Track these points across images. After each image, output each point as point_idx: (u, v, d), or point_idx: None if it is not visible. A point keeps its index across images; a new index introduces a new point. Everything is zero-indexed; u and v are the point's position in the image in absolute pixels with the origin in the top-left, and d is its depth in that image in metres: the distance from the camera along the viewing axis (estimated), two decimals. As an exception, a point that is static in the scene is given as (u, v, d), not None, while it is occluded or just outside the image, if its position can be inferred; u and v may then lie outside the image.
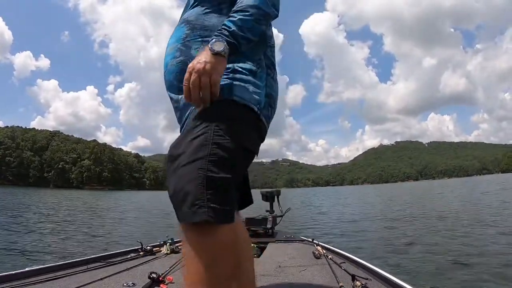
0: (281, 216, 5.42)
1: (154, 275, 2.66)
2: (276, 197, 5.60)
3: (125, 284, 2.59)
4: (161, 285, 2.63)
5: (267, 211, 5.48)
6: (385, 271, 2.84)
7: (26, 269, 2.74)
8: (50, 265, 2.97)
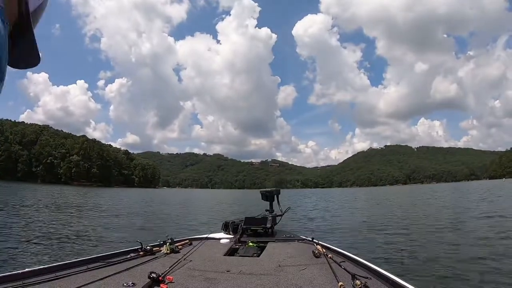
0: (281, 215, 5.44)
1: (154, 275, 2.69)
2: (275, 196, 5.62)
3: (125, 284, 2.60)
4: (161, 285, 2.65)
5: (266, 210, 5.52)
6: (385, 270, 2.87)
7: (26, 269, 2.75)
8: (50, 265, 2.97)
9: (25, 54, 0.91)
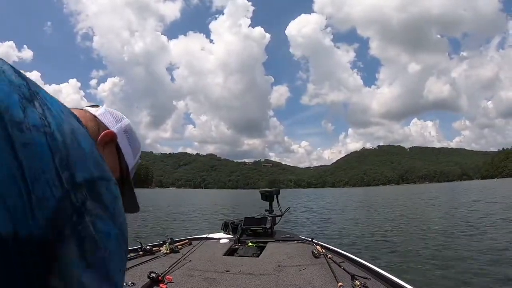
0: (281, 215, 5.43)
1: (153, 275, 2.70)
2: (275, 196, 5.61)
3: (124, 284, 2.37)
4: (161, 285, 2.65)
5: (266, 210, 5.49)
6: (384, 270, 2.87)
7: None
8: None
9: (126, 204, 0.84)
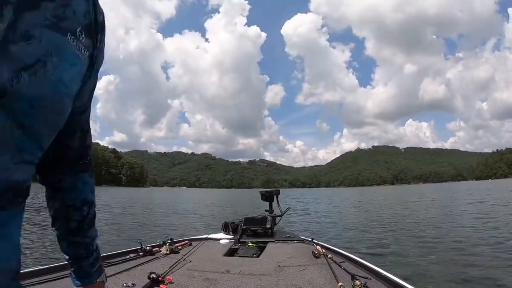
0: (281, 215, 5.42)
1: (153, 275, 2.69)
2: (275, 196, 5.60)
3: (124, 285, 2.59)
4: (161, 285, 2.65)
5: (266, 210, 5.49)
6: (384, 270, 2.86)
7: (25, 270, 2.70)
8: (49, 265, 2.91)
9: None
